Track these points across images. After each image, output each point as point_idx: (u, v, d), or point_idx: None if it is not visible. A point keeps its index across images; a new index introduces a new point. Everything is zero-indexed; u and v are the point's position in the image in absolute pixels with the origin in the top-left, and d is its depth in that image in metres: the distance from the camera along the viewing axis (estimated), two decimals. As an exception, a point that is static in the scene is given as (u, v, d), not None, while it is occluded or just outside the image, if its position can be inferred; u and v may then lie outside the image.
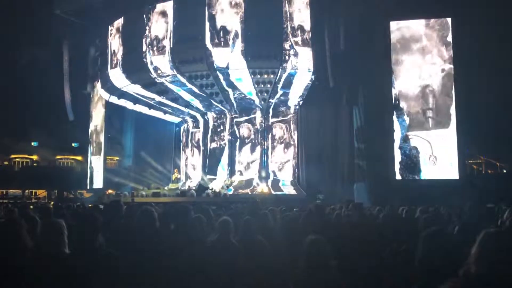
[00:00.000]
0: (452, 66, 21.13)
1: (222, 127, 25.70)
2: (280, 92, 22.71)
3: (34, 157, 34.09)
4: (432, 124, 21.02)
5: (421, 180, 20.69)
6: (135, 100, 24.86)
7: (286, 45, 20.25)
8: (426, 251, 2.99)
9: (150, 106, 25.80)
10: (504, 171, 23.42)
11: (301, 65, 20.57)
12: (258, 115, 24.65)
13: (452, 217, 8.53)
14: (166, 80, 21.99)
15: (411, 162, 20.96)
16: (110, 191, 24.38)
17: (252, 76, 20.90)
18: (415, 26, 21.74)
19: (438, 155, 20.66)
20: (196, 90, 22.51)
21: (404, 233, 4.78)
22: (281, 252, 4.82)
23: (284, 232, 5.52)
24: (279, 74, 20.75)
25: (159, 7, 21.58)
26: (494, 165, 23.28)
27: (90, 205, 13.14)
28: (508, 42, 19.62)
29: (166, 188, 24.55)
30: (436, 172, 20.58)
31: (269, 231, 5.51)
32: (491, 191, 16.99)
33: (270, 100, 23.30)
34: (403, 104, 21.34)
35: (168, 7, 21.27)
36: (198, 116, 26.85)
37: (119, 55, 22.90)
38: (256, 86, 21.67)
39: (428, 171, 20.73)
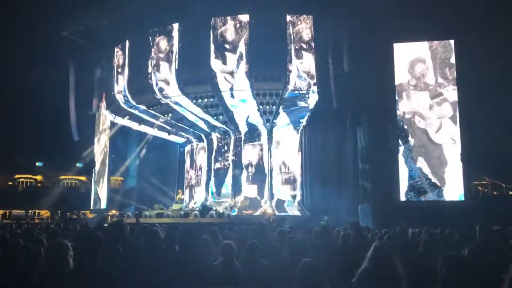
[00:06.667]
0: (455, 87, 21.18)
1: (226, 148, 25.70)
2: (284, 113, 22.78)
3: (39, 178, 34.10)
4: (436, 146, 20.96)
5: (426, 201, 20.51)
6: (139, 120, 24.99)
7: (290, 67, 20.42)
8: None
9: (155, 127, 25.89)
10: (510, 192, 23.19)
11: (304, 86, 20.69)
12: (262, 136, 24.67)
13: (456, 238, 8.43)
14: (171, 101, 22.15)
15: (416, 183, 20.83)
16: (113, 211, 24.29)
17: (256, 97, 21.03)
18: (418, 48, 21.88)
19: (443, 176, 20.56)
20: (200, 110, 22.66)
21: (407, 257, 4.68)
22: (286, 276, 4.74)
23: (291, 256, 5.46)
24: (282, 95, 20.86)
25: (165, 29, 21.88)
26: (499, 186, 23.06)
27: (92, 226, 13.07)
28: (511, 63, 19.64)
29: (169, 208, 24.44)
30: (441, 194, 20.44)
31: (275, 254, 5.44)
32: (497, 212, 16.80)
33: (274, 121, 23.36)
34: (407, 125, 21.33)
35: (174, 29, 21.56)
36: (203, 136, 26.93)
37: (125, 76, 23.14)
38: (260, 107, 21.78)
39: (433, 193, 20.59)
